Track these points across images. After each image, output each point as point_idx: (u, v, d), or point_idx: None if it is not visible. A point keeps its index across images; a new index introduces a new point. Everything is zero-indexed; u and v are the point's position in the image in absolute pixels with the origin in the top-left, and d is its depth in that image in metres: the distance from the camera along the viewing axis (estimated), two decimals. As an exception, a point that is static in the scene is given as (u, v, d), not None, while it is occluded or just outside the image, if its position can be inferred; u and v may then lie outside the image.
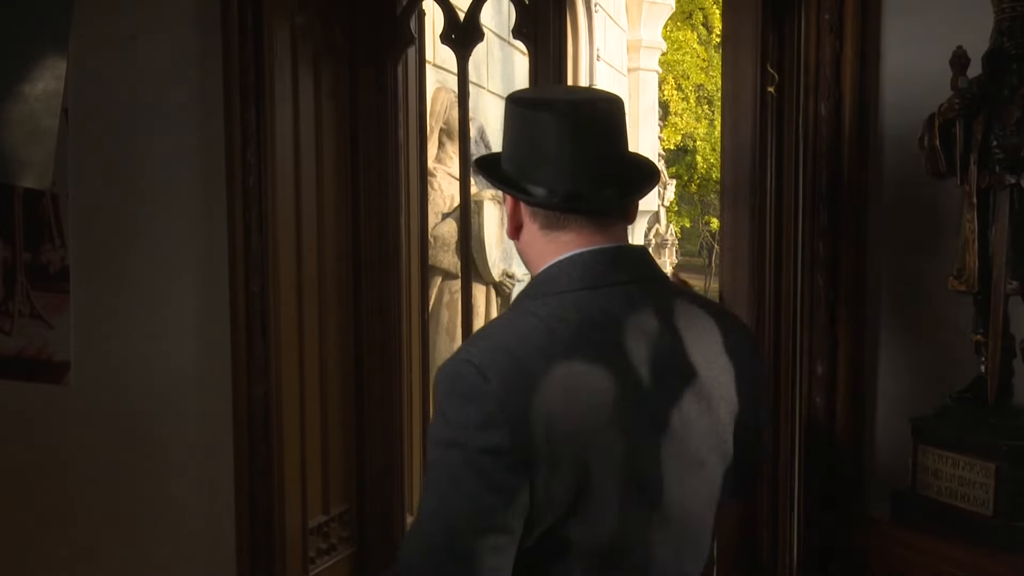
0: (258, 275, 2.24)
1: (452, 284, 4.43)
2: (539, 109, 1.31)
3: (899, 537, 1.53)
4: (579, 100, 1.33)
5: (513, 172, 1.34)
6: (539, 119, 1.30)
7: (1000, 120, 1.47)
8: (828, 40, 1.85)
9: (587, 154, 1.30)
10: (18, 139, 2.20)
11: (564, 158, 1.29)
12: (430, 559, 1.19)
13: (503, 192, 1.37)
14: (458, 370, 1.20)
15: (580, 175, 1.30)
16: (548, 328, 1.23)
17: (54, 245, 2.43)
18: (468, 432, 1.17)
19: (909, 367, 1.87)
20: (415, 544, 1.21)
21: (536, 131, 1.30)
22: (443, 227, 4.34)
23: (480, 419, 1.16)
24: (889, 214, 1.88)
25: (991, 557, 1.42)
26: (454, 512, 1.18)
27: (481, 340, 1.27)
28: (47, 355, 2.46)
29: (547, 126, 1.29)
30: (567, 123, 1.29)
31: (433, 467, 1.20)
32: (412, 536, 1.22)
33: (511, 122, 1.36)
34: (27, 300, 2.47)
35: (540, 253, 1.34)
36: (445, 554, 1.18)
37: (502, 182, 1.36)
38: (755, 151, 1.97)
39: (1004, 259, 1.47)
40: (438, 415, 1.21)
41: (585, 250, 1.30)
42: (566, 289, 1.28)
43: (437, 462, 1.20)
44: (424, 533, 1.20)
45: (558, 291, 1.28)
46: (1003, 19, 1.50)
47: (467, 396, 1.18)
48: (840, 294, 1.87)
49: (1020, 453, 1.44)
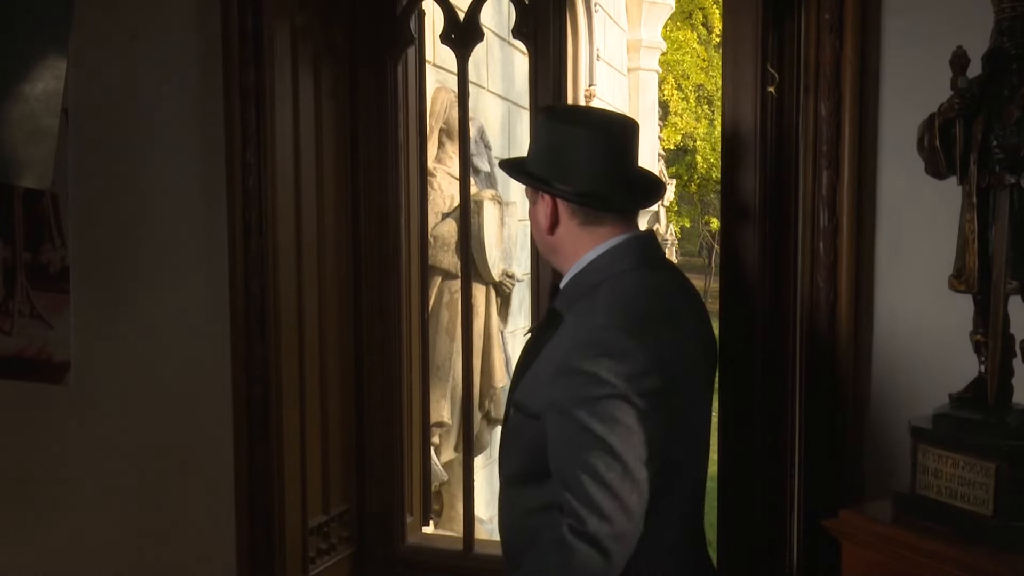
0: (258, 275, 2.24)
1: (452, 284, 4.42)
2: (580, 124, 1.65)
3: (899, 537, 1.53)
4: (612, 119, 1.71)
5: (550, 175, 1.64)
6: (581, 132, 1.62)
7: (1000, 120, 1.47)
8: (828, 40, 1.85)
9: (620, 163, 1.64)
10: (18, 139, 2.20)
11: (603, 166, 1.62)
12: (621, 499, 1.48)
13: (549, 194, 1.65)
14: (601, 336, 1.52)
15: (615, 180, 1.64)
16: (651, 291, 1.62)
17: (54, 245, 2.43)
18: (629, 382, 1.48)
19: (909, 367, 1.87)
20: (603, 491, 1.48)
21: (579, 143, 1.62)
22: (443, 227, 4.33)
23: (639, 369, 1.49)
24: (889, 214, 1.88)
25: (991, 557, 1.41)
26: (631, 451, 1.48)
27: (606, 314, 1.56)
28: (47, 355, 2.46)
29: (589, 139, 1.62)
30: (606, 137, 1.63)
31: (593, 421, 1.48)
32: (594, 487, 1.47)
33: (548, 132, 1.67)
34: (27, 300, 2.47)
35: (577, 244, 1.66)
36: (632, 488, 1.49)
37: (540, 182, 1.65)
38: (755, 151, 1.97)
39: (1004, 259, 1.47)
40: (585, 377, 1.50)
41: (625, 237, 1.65)
42: (631, 267, 1.63)
43: (598, 415, 1.48)
44: (608, 479, 1.48)
45: (633, 267, 1.63)
46: (1003, 19, 1.50)
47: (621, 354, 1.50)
48: (839, 294, 1.87)
49: (1020, 453, 1.43)
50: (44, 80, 2.19)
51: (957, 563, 1.44)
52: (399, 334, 2.58)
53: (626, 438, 1.48)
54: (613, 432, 1.48)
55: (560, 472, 1.54)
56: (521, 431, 1.65)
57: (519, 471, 1.67)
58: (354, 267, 2.54)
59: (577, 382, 1.51)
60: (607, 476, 1.47)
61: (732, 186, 2.03)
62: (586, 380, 1.50)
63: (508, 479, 1.71)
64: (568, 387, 1.52)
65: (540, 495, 1.60)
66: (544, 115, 1.73)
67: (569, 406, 1.51)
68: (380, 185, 2.54)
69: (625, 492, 1.48)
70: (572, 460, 1.51)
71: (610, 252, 1.64)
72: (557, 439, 1.54)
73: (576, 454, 1.50)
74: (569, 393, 1.52)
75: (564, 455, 1.53)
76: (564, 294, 1.68)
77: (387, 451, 2.59)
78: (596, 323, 1.55)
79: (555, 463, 1.55)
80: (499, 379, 4.65)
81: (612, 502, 1.47)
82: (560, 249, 1.70)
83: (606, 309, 1.57)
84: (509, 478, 1.71)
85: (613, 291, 1.60)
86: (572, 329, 1.59)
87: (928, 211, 1.80)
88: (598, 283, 1.62)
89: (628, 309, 1.57)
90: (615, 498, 1.47)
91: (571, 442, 1.51)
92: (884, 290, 1.88)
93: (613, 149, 1.64)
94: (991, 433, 1.47)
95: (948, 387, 1.62)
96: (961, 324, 1.59)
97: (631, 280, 1.62)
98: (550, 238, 1.69)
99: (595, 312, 1.57)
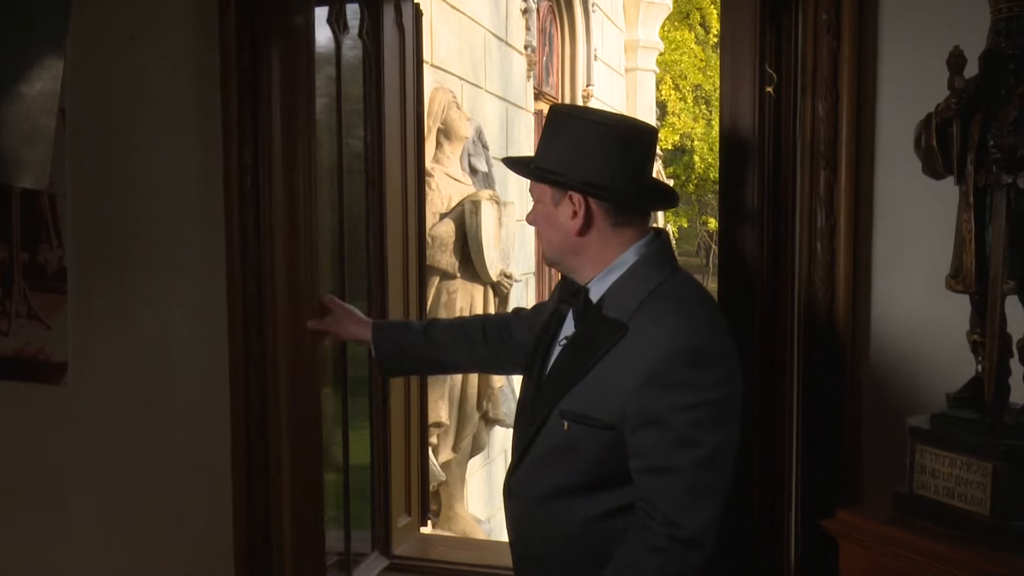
0: (255, 276, 2.24)
1: (450, 284, 4.42)
2: (606, 123, 1.62)
3: (897, 537, 1.53)
4: (634, 123, 1.70)
5: (580, 175, 1.60)
6: (608, 132, 1.60)
7: (997, 120, 1.47)
8: (826, 40, 1.86)
9: (646, 165, 1.65)
10: (15, 139, 2.20)
11: (634, 167, 1.62)
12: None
13: (595, 197, 1.62)
14: (691, 343, 1.54)
15: (644, 180, 1.65)
16: (704, 293, 1.67)
17: (51, 245, 2.43)
18: (722, 387, 1.55)
19: (906, 367, 1.87)
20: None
21: (610, 142, 1.60)
22: (440, 227, 4.33)
23: (729, 374, 1.57)
24: (886, 214, 1.88)
25: (988, 556, 1.42)
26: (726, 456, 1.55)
27: (687, 320, 1.58)
28: (44, 355, 2.46)
29: (619, 140, 1.60)
30: (636, 138, 1.63)
31: (694, 429, 1.52)
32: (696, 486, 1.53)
33: (572, 132, 1.62)
34: (24, 300, 2.46)
35: (607, 246, 1.65)
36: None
37: (587, 184, 1.61)
38: (753, 151, 1.97)
39: (1001, 259, 1.47)
40: (682, 385, 1.53)
41: (650, 237, 1.67)
42: (674, 268, 1.66)
43: (699, 423, 1.52)
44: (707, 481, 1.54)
45: (673, 269, 1.65)
46: (999, 19, 1.50)
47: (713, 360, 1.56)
48: (837, 293, 1.87)
49: (1017, 453, 1.44)
50: (41, 80, 2.19)
51: (954, 562, 1.44)
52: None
53: (723, 444, 1.54)
54: (709, 438, 1.52)
55: (653, 479, 1.55)
56: (582, 442, 1.61)
57: (581, 481, 1.64)
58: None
59: (672, 391, 1.52)
60: (705, 481, 1.53)
61: (731, 186, 2.03)
62: (681, 389, 1.52)
63: (559, 490, 1.66)
64: (661, 396, 1.53)
65: (613, 499, 1.61)
66: (561, 114, 1.68)
67: (665, 415, 1.52)
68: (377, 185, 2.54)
69: (721, 494, 1.55)
70: (664, 468, 1.54)
71: (647, 255, 1.65)
72: (646, 447, 1.55)
73: (670, 462, 1.53)
74: (665, 403, 1.52)
75: (654, 463, 1.55)
76: (613, 301, 1.63)
77: (383, 452, 2.59)
78: (682, 330, 1.55)
79: (645, 472, 1.56)
80: (497, 380, 4.66)
81: (711, 504, 1.53)
82: (585, 251, 1.66)
83: (686, 315, 1.58)
84: (560, 489, 1.66)
85: (680, 295, 1.62)
86: (652, 337, 1.56)
87: (925, 211, 1.80)
88: (656, 287, 1.61)
89: (703, 313, 1.60)
90: (715, 500, 1.54)
91: (665, 450, 1.53)
92: (881, 290, 1.89)
93: (638, 149, 1.64)
94: (988, 433, 1.48)
95: (945, 387, 1.62)
96: (958, 324, 1.59)
97: (684, 283, 1.65)
98: (577, 240, 1.65)
99: (672, 319, 1.57)
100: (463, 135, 4.71)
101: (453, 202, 4.44)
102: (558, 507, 1.65)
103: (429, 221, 4.12)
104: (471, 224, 4.34)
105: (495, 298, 4.71)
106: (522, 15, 6.46)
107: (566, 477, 1.65)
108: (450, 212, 4.42)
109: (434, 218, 4.32)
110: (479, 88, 5.61)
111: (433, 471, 4.11)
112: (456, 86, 5.12)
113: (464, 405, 4.52)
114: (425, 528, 2.84)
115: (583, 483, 1.63)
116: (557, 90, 8.07)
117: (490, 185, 5.15)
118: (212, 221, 2.28)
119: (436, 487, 4.47)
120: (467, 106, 5.12)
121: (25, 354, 2.47)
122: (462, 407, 4.51)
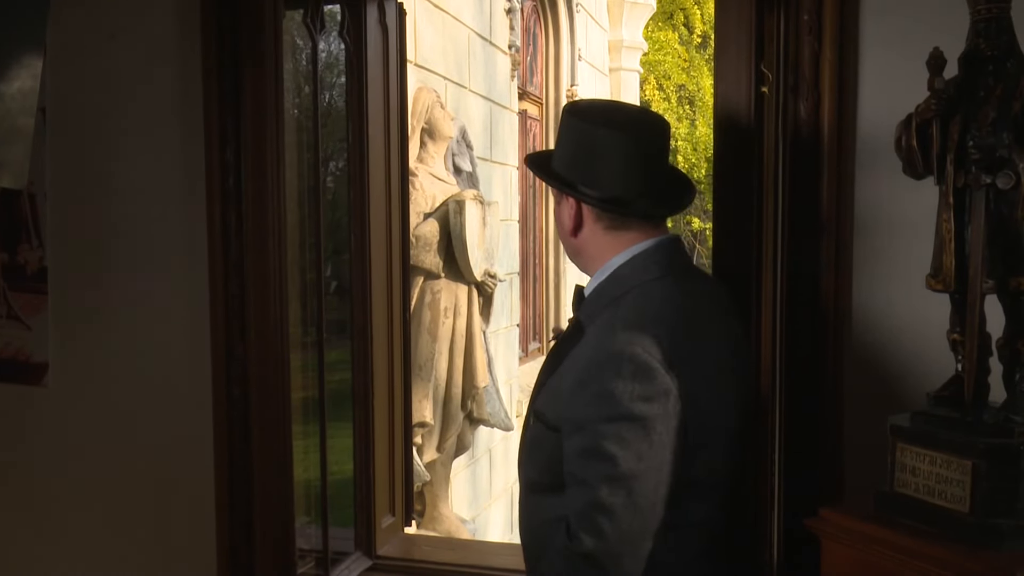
0: (237, 275, 2.23)
1: (434, 284, 4.41)
2: (607, 124, 1.59)
3: (878, 535, 1.54)
4: (640, 118, 1.66)
5: (575, 178, 1.60)
6: (607, 133, 1.58)
7: (976, 121, 1.48)
8: (807, 41, 1.86)
9: (648, 166, 1.60)
10: (-6, 138, 2.18)
11: (630, 169, 1.58)
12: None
13: (573, 197, 1.62)
14: (620, 354, 1.49)
15: (643, 183, 1.60)
16: (676, 303, 1.58)
17: (31, 245, 2.41)
18: (645, 403, 1.48)
19: (887, 366, 1.88)
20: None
21: (606, 144, 1.58)
22: (424, 227, 4.32)
23: (657, 390, 1.48)
24: (866, 214, 1.89)
25: (968, 554, 1.43)
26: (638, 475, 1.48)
27: (626, 330, 1.52)
28: (25, 356, 2.44)
29: (616, 140, 1.57)
30: (635, 138, 1.58)
31: (604, 442, 1.47)
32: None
33: (574, 132, 1.62)
34: (4, 301, 2.44)
35: (602, 249, 1.64)
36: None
37: (565, 184, 1.62)
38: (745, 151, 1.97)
39: (980, 258, 1.48)
40: (601, 395, 1.49)
41: (651, 243, 1.62)
42: (657, 276, 1.59)
43: (610, 436, 1.48)
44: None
45: (659, 276, 1.59)
46: (979, 20, 1.51)
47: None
48: (821, 294, 1.88)
49: (996, 451, 1.45)
50: (20, 79, 2.17)
51: (935, 560, 1.45)
52: (380, 334, 2.57)
53: (635, 462, 1.47)
54: (622, 455, 1.46)
55: (568, 487, 1.53)
56: (542, 442, 1.62)
57: (539, 481, 1.65)
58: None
59: (593, 400, 1.49)
60: (609, 500, 1.47)
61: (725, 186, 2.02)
62: (601, 399, 1.48)
63: (529, 485, 1.69)
64: (584, 404, 1.51)
65: (557, 506, 1.58)
66: (570, 113, 1.67)
67: (584, 423, 1.50)
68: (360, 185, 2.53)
69: (626, 517, 1.47)
70: (579, 478, 1.51)
71: (635, 260, 1.61)
72: (569, 454, 1.53)
73: (583, 473, 1.50)
74: (585, 410, 1.51)
75: (573, 472, 1.52)
76: (588, 304, 1.65)
77: (366, 453, 2.58)
78: (616, 339, 1.51)
79: (566, 478, 1.54)
80: (481, 379, 4.65)
81: (610, 524, 1.47)
82: (584, 252, 1.68)
83: (627, 324, 1.53)
84: (530, 484, 1.68)
85: (636, 304, 1.56)
86: (593, 343, 1.56)
87: (905, 211, 1.81)
88: (622, 294, 1.58)
89: (650, 324, 1.52)
90: (615, 521, 1.47)
91: (580, 460, 1.51)
92: (862, 289, 1.89)
93: (641, 151, 1.60)
94: (968, 431, 1.49)
95: (926, 386, 1.63)
96: (938, 323, 1.60)
97: (656, 292, 1.58)
98: (574, 240, 1.67)
99: (616, 327, 1.53)
100: (447, 135, 4.70)
101: (437, 202, 4.43)
102: (531, 502, 1.69)
103: (413, 221, 4.11)
104: (455, 224, 4.34)
105: (479, 298, 4.71)
106: (506, 15, 6.46)
107: (532, 474, 1.68)
108: (434, 212, 4.41)
109: (418, 218, 4.31)
110: (463, 88, 5.61)
111: (417, 471, 4.10)
112: (440, 86, 5.11)
113: (448, 405, 4.51)
114: (409, 528, 2.83)
115: (542, 484, 1.64)
116: (541, 90, 8.07)
117: (474, 185, 5.14)
118: (194, 221, 2.27)
119: (420, 487, 4.46)
120: (451, 106, 5.11)
121: (5, 355, 2.46)
122: (446, 407, 4.50)
